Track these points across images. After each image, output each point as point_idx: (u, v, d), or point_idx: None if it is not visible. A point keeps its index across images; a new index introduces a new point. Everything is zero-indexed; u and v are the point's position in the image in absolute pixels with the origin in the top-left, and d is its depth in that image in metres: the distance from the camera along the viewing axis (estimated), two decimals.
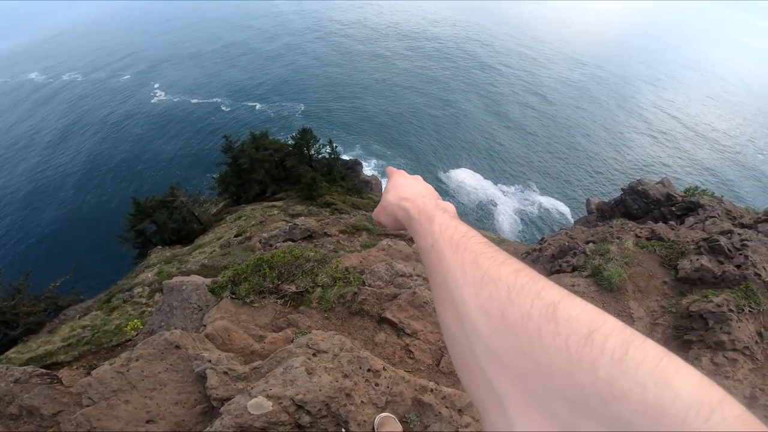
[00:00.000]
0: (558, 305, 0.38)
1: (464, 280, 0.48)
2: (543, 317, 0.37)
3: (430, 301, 4.79)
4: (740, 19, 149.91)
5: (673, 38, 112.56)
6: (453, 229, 0.59)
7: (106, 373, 3.50)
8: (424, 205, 0.71)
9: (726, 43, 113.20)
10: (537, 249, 7.90)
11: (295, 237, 14.67)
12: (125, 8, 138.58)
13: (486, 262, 0.48)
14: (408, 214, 0.73)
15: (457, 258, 0.52)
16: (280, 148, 32.36)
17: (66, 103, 65.38)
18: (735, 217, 7.05)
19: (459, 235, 0.56)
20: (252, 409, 2.72)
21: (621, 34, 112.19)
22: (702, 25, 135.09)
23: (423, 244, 0.63)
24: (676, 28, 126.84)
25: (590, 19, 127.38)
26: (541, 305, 0.38)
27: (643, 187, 12.12)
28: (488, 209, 42.87)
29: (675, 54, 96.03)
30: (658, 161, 51.72)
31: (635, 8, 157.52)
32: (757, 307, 3.73)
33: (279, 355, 3.30)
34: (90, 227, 38.81)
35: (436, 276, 0.55)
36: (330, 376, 2.92)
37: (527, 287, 0.41)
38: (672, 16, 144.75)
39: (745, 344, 3.43)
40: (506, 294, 0.42)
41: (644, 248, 5.11)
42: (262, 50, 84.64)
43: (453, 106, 61.36)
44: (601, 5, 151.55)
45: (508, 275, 0.44)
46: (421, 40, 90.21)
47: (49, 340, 11.20)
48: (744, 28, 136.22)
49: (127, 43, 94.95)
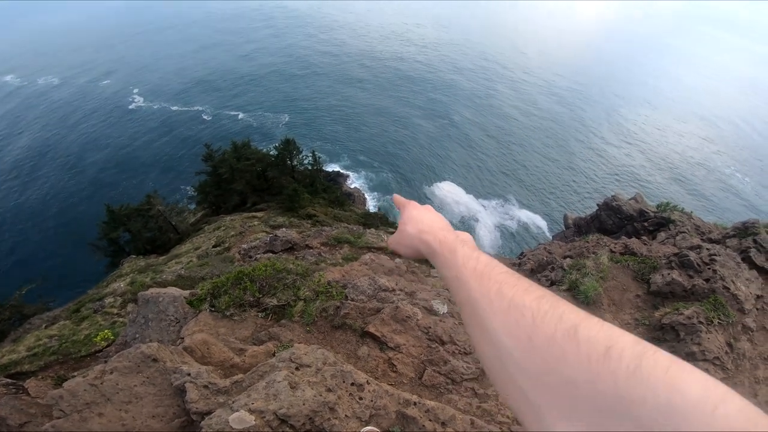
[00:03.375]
0: (578, 327, 0.44)
1: (491, 308, 0.54)
2: (566, 338, 0.44)
3: (413, 316, 4.82)
4: (711, 35, 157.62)
5: (647, 51, 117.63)
6: (475, 260, 0.65)
7: (78, 385, 3.38)
8: (445, 238, 0.76)
9: (699, 59, 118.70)
10: (517, 263, 8.06)
11: (275, 248, 14.48)
12: (110, 11, 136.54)
13: (510, 291, 0.54)
14: (430, 246, 0.78)
15: (482, 288, 0.58)
16: (262, 158, 32.09)
17: (40, 107, 63.45)
18: (704, 233, 7.40)
19: (482, 266, 0.62)
20: (234, 423, 2.68)
21: (598, 46, 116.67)
22: (677, 38, 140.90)
23: (447, 275, 0.69)
24: (651, 41, 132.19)
25: (568, 28, 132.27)
26: (563, 328, 0.45)
27: (617, 203, 12.57)
28: (470, 224, 43.51)
29: (649, 68, 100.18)
30: (631, 175, 53.69)
31: (613, 16, 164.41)
32: (726, 319, 3.92)
33: (261, 369, 3.26)
34: (60, 235, 37.42)
35: (465, 305, 0.61)
36: (313, 390, 2.90)
37: (550, 312, 0.48)
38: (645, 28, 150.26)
39: (715, 354, 3.60)
40: (531, 319, 0.48)
41: (618, 263, 5.30)
42: (247, 59, 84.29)
43: (439, 119, 62.45)
44: (581, 6, 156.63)
45: (532, 302, 0.51)
46: (408, 50, 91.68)
47: (14, 350, 10.71)
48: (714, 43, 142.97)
49: (108, 47, 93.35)
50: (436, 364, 3.96)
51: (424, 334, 4.43)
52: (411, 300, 5.46)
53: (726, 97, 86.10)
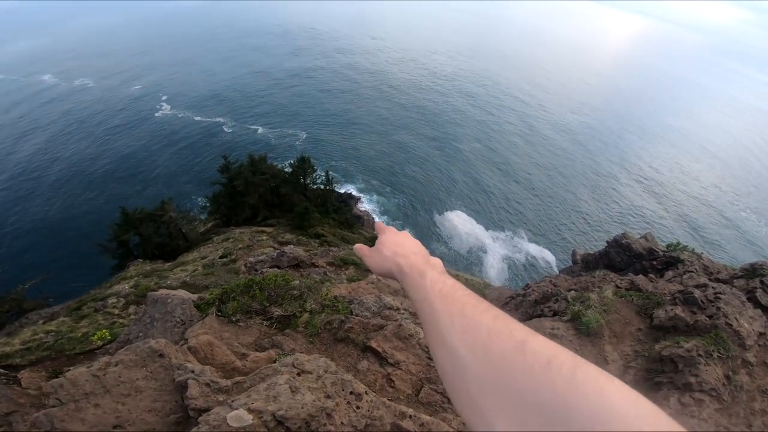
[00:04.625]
0: (526, 342, 0.54)
1: (453, 326, 0.63)
2: (515, 352, 0.52)
3: (415, 334, 4.86)
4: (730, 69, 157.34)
5: (665, 90, 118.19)
6: (441, 283, 0.74)
7: (81, 375, 3.45)
8: (416, 262, 0.85)
9: (714, 97, 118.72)
10: (521, 294, 8.04)
11: (281, 264, 14.58)
12: (150, 17, 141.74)
13: (470, 311, 0.64)
14: (401, 269, 0.86)
15: (446, 308, 0.67)
16: (277, 174, 32.61)
17: (71, 108, 65.37)
18: (712, 273, 7.35)
19: (447, 288, 0.71)
20: (231, 421, 2.73)
21: (614, 82, 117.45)
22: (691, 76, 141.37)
23: (416, 297, 0.77)
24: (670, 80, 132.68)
25: (582, 61, 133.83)
26: (513, 342, 0.54)
27: (626, 241, 12.50)
28: (478, 255, 43.22)
29: (666, 107, 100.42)
30: (643, 214, 53.16)
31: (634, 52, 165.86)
32: (726, 353, 3.91)
33: (263, 372, 3.32)
34: (71, 234, 37.96)
35: (429, 323, 0.69)
36: (313, 395, 2.95)
37: (503, 329, 0.58)
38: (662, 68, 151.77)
39: (711, 386, 3.58)
40: (487, 336, 0.58)
41: (623, 297, 5.30)
42: (271, 74, 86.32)
43: (453, 149, 62.92)
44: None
45: (488, 321, 0.60)
46: (428, 79, 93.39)
47: (8, 342, 10.77)
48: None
49: (144, 53, 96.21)
50: (433, 382, 3.98)
51: (424, 352, 4.45)
52: (414, 319, 5.50)
53: (742, 134, 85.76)
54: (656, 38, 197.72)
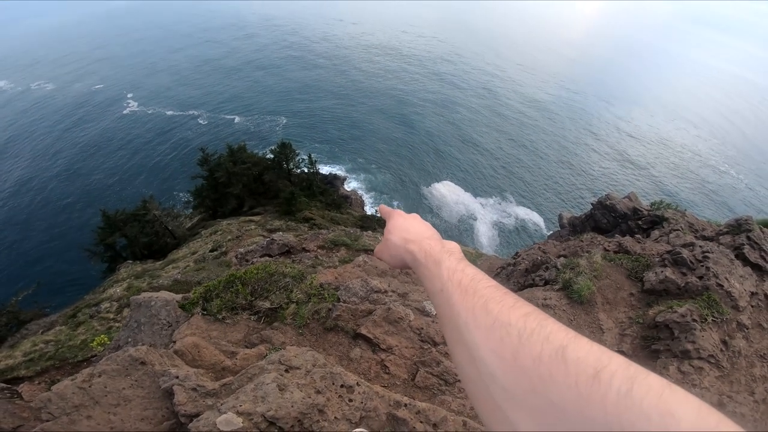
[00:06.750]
0: (566, 348, 0.42)
1: (475, 324, 0.51)
2: (553, 359, 0.42)
3: (405, 317, 4.79)
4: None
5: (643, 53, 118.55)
6: (461, 272, 0.62)
7: (67, 388, 3.36)
8: (430, 248, 0.73)
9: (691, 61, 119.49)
10: (512, 263, 8.05)
11: (272, 252, 14.41)
12: (104, 14, 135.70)
13: (496, 307, 0.51)
14: (414, 257, 0.75)
15: (466, 302, 0.55)
16: (259, 162, 32.06)
17: (32, 113, 62.86)
18: (697, 230, 7.41)
19: (467, 279, 0.59)
20: (221, 425, 2.65)
21: (596, 48, 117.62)
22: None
23: (431, 288, 0.65)
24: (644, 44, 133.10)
25: (566, 23, 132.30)
26: (550, 348, 0.43)
27: (611, 202, 12.59)
28: (468, 223, 43.61)
29: (644, 71, 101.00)
30: (625, 173, 54.03)
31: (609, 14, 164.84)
32: (720, 316, 3.91)
33: (250, 372, 3.23)
34: (56, 241, 37.23)
35: (447, 319, 0.58)
36: (302, 392, 2.87)
37: (536, 331, 0.45)
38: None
39: (709, 352, 3.58)
40: (517, 338, 0.46)
41: (612, 261, 5.30)
42: (242, 61, 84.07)
43: (438, 118, 62.52)
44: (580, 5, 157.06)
45: (518, 320, 0.48)
46: (405, 54, 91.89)
47: (10, 355, 10.71)
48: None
49: (102, 51, 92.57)
50: (428, 365, 3.94)
51: (416, 335, 4.40)
52: (403, 301, 5.44)
53: (719, 98, 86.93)
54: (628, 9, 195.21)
